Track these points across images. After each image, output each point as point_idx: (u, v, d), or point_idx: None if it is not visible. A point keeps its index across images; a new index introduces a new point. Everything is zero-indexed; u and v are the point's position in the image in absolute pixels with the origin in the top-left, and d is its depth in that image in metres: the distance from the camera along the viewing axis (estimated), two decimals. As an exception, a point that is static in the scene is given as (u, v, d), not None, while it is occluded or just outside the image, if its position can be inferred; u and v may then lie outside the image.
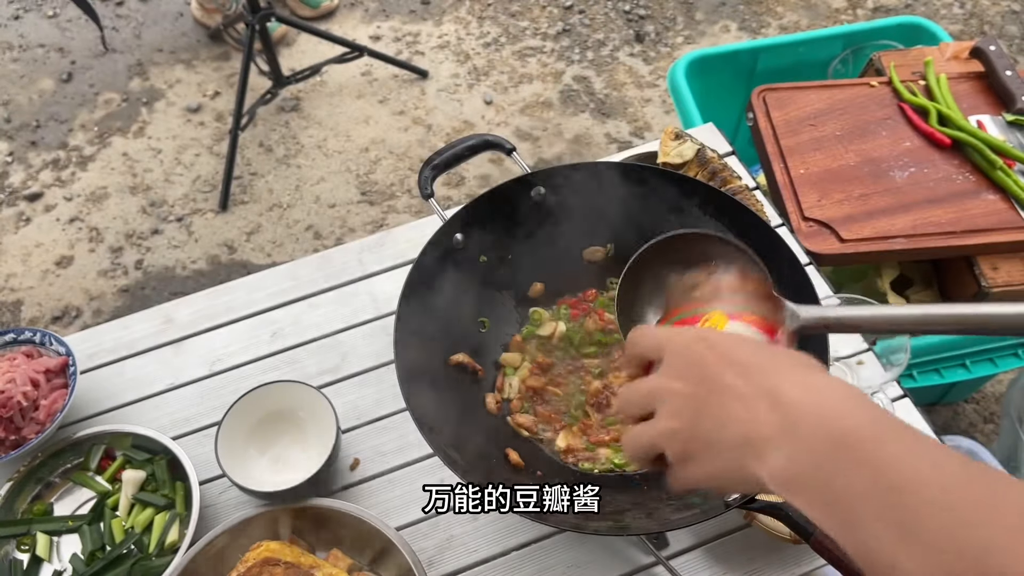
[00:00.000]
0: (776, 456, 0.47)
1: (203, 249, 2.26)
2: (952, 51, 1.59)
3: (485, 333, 1.01)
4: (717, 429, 0.51)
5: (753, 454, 0.48)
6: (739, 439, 0.49)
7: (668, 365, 0.55)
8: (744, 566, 0.90)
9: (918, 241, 1.33)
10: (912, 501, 0.41)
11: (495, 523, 0.94)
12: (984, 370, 1.44)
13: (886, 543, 0.41)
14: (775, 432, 0.47)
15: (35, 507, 0.98)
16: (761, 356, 0.52)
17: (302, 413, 0.99)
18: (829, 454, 0.44)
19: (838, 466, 0.44)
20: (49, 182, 2.41)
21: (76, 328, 2.10)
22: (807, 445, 0.45)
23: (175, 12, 2.83)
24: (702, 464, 0.52)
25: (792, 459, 0.46)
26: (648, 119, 2.50)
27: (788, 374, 0.50)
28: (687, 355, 0.54)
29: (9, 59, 2.74)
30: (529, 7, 2.82)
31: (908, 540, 0.40)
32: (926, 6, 2.78)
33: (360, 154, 2.45)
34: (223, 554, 0.90)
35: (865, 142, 1.44)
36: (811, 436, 0.45)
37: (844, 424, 0.45)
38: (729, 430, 0.50)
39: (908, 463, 0.42)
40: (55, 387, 1.03)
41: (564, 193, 0.99)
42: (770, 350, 0.54)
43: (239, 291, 1.17)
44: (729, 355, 0.52)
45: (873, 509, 0.42)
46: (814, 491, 0.45)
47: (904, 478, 0.41)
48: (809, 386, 0.48)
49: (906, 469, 0.42)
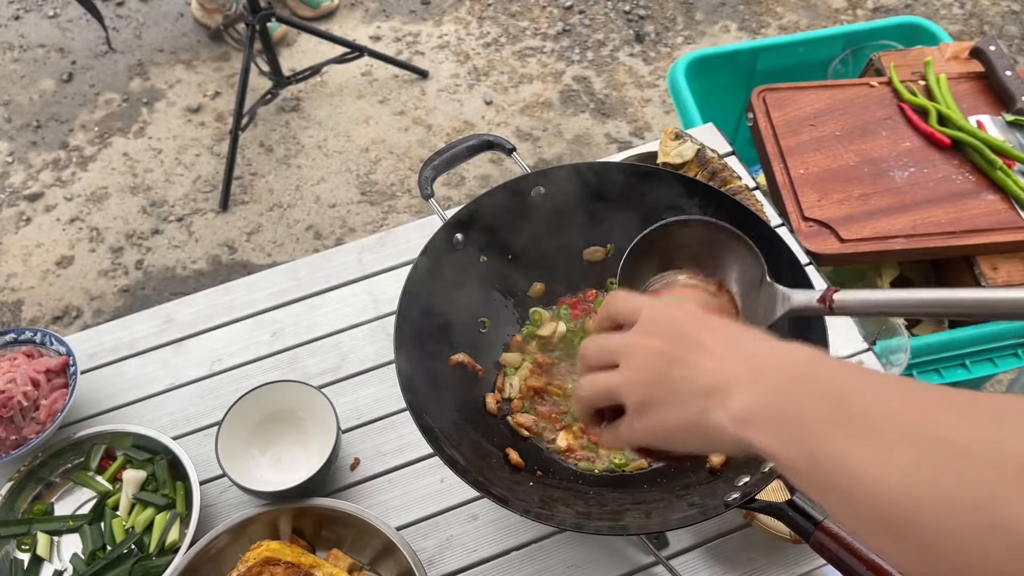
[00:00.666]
0: (739, 397, 0.50)
1: (203, 249, 2.26)
2: (952, 51, 1.59)
3: (485, 333, 1.01)
4: (685, 379, 0.53)
5: (716, 401, 0.51)
6: (706, 388, 0.52)
7: (644, 323, 0.57)
8: (744, 566, 0.90)
9: (918, 241, 1.33)
10: (860, 406, 0.44)
11: (495, 523, 0.94)
12: (984, 370, 1.44)
13: (835, 444, 0.44)
14: (743, 379, 0.50)
15: (36, 507, 0.98)
16: (735, 325, 0.56)
17: (302, 413, 0.99)
18: (789, 387, 0.48)
19: (795, 394, 0.47)
20: (49, 182, 2.42)
21: (76, 328, 2.10)
22: (771, 385, 0.49)
23: (175, 12, 2.84)
24: (660, 413, 0.55)
25: (755, 398, 0.49)
26: (648, 119, 2.50)
27: (760, 340, 0.54)
28: (664, 318, 0.57)
29: (10, 59, 2.74)
30: (529, 7, 2.82)
31: (858, 436, 0.43)
32: (926, 6, 2.78)
33: (360, 154, 2.45)
34: (223, 554, 0.90)
35: (865, 142, 1.44)
36: (775, 377, 0.49)
37: (803, 369, 0.49)
38: (698, 381, 0.52)
39: (858, 383, 0.46)
40: (55, 387, 1.03)
41: (564, 193, 0.99)
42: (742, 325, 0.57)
43: (239, 291, 1.17)
44: (706, 320, 0.56)
45: (823, 422, 0.45)
46: (772, 421, 0.48)
47: (852, 392, 0.45)
48: (780, 348, 0.52)
49: (856, 385, 0.46)
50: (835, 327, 1.00)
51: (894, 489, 0.40)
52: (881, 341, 1.03)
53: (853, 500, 0.43)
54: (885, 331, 1.02)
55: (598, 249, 1.04)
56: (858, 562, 0.69)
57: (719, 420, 0.50)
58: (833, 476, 0.44)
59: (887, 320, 1.02)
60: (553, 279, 1.05)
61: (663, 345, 0.55)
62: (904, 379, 0.46)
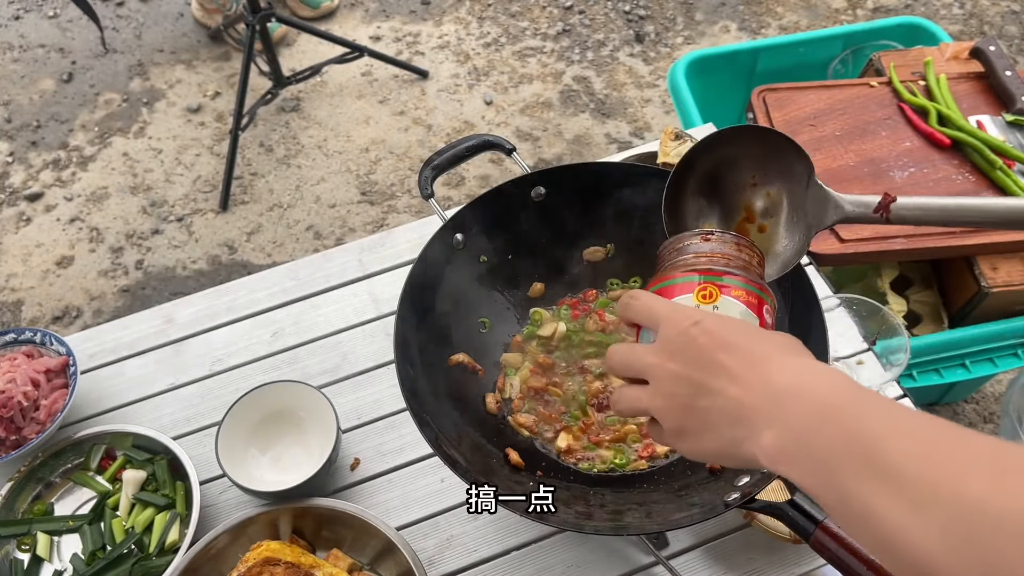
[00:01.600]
0: (768, 435, 0.50)
1: (203, 249, 2.26)
2: (952, 51, 1.59)
3: (485, 333, 1.01)
4: (712, 409, 0.53)
5: (746, 433, 0.51)
6: (734, 418, 0.52)
7: (663, 342, 0.57)
8: (744, 566, 0.90)
9: (918, 241, 1.33)
10: (886, 451, 0.43)
11: (495, 523, 0.94)
12: (984, 370, 1.44)
13: (864, 491, 0.43)
14: (766, 413, 0.50)
15: (36, 507, 0.98)
16: (751, 339, 0.55)
17: (302, 413, 0.99)
18: (813, 428, 0.47)
19: (820, 435, 0.47)
20: (49, 182, 2.42)
21: (76, 328, 2.10)
22: (794, 423, 0.48)
23: (175, 12, 2.84)
24: (696, 441, 0.55)
25: (781, 436, 0.49)
26: (648, 119, 2.50)
27: (777, 359, 0.53)
28: (682, 338, 0.56)
29: (10, 59, 2.74)
30: (529, 7, 2.82)
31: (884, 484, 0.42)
32: (926, 6, 2.78)
33: (360, 154, 2.45)
34: (223, 554, 0.90)
35: (865, 142, 1.44)
36: (798, 414, 0.49)
37: (827, 400, 0.48)
38: (725, 411, 0.53)
39: (882, 423, 0.45)
40: (55, 387, 1.03)
41: (564, 193, 0.99)
42: (759, 334, 0.56)
43: (239, 291, 1.17)
44: (722, 339, 0.55)
45: (851, 465, 0.44)
46: (800, 461, 0.48)
47: (878, 436, 0.44)
48: (797, 370, 0.51)
49: (880, 427, 0.45)
50: (835, 327, 1.00)
51: (923, 550, 0.40)
52: (881, 341, 1.03)
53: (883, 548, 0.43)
54: (885, 331, 1.02)
55: (598, 249, 1.04)
56: (858, 562, 0.69)
57: (752, 453, 0.51)
58: (864, 521, 0.44)
59: (887, 320, 1.02)
60: (553, 279, 1.05)
61: (684, 370, 0.55)
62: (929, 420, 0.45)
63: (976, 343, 1.42)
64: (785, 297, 0.89)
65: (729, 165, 0.72)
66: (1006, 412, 1.58)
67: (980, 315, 1.42)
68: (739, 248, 0.66)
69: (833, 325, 0.92)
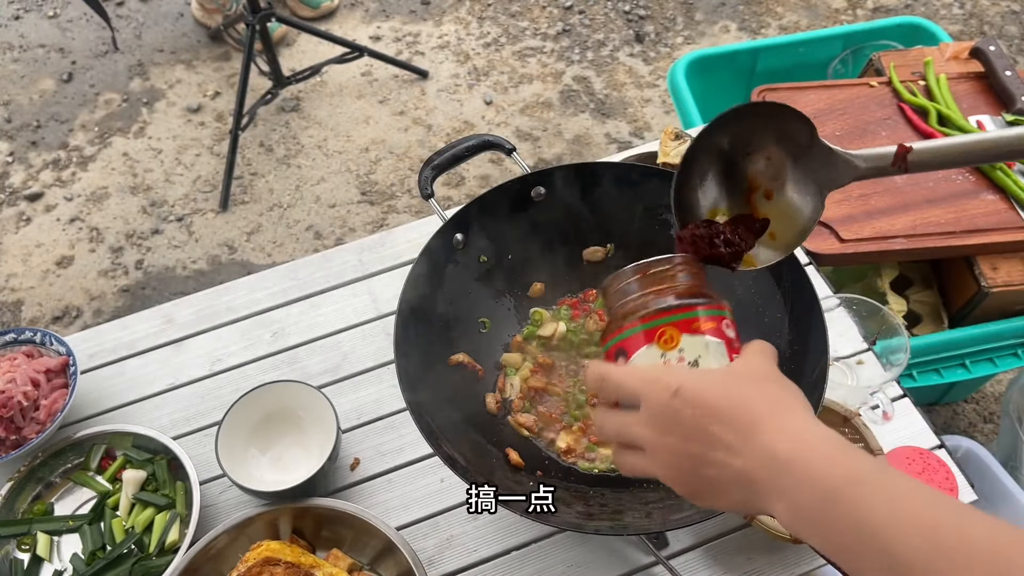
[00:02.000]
0: (779, 505, 0.51)
1: (203, 249, 2.26)
2: (952, 51, 1.59)
3: (485, 333, 1.01)
4: (719, 479, 0.54)
5: (759, 498, 0.52)
6: (743, 486, 0.53)
7: (650, 416, 0.56)
8: (744, 566, 0.90)
9: (918, 241, 1.33)
10: (897, 550, 0.45)
11: (495, 523, 0.94)
12: (984, 370, 1.44)
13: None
14: (773, 484, 0.51)
15: (36, 507, 0.98)
16: (732, 403, 0.54)
17: (302, 413, 0.99)
18: (820, 509, 0.49)
19: (829, 519, 0.48)
20: (49, 182, 2.42)
21: (76, 328, 2.10)
22: (801, 500, 0.50)
23: (175, 12, 2.84)
24: (710, 501, 0.56)
25: (790, 508, 0.50)
26: (648, 119, 2.50)
27: (768, 423, 0.52)
28: (667, 411, 0.55)
29: (10, 59, 2.74)
30: (529, 7, 2.82)
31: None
32: (926, 6, 2.78)
33: (360, 154, 2.45)
34: (223, 554, 0.90)
35: (865, 142, 1.44)
36: (803, 492, 0.50)
37: (827, 484, 0.49)
38: (733, 481, 0.53)
39: (885, 509, 0.47)
40: (55, 387, 1.03)
41: (564, 193, 0.99)
42: (739, 393, 0.55)
43: (239, 291, 1.17)
44: (707, 408, 0.54)
45: (866, 555, 0.47)
46: (814, 536, 0.50)
47: (884, 523, 0.46)
48: (791, 438, 0.52)
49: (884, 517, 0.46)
50: (835, 327, 1.00)
51: None
52: (881, 341, 1.03)
53: None
54: (885, 331, 1.02)
55: (598, 249, 1.04)
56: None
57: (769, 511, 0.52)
58: None
59: (887, 320, 1.01)
60: (553, 279, 1.05)
61: (680, 444, 0.54)
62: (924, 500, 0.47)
63: (976, 343, 1.42)
64: (785, 297, 0.89)
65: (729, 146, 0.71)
66: (1006, 412, 1.58)
67: (980, 315, 1.42)
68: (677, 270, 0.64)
69: (833, 325, 0.92)
